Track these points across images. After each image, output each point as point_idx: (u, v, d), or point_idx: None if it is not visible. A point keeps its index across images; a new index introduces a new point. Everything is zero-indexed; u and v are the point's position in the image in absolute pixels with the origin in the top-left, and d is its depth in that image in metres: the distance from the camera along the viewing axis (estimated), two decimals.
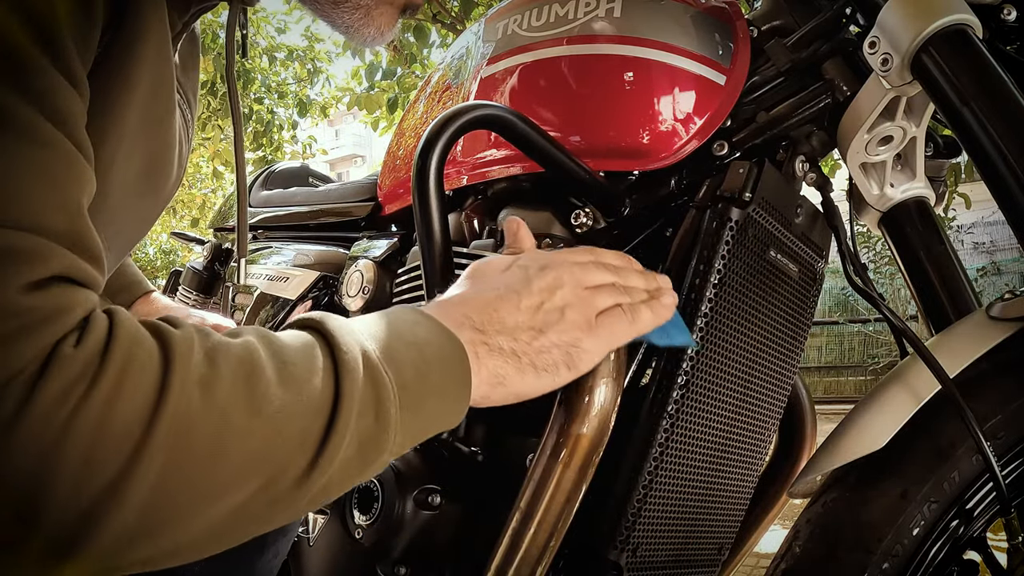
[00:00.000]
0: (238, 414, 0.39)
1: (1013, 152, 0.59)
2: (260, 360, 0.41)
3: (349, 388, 0.43)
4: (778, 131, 0.75)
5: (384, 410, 0.44)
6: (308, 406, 0.41)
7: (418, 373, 0.47)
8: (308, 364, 0.43)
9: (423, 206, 0.67)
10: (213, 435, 0.38)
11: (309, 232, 1.24)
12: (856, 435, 0.64)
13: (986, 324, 0.64)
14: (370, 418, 0.44)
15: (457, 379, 0.50)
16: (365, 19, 0.62)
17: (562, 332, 0.54)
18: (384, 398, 0.44)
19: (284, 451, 0.40)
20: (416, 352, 0.48)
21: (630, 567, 0.66)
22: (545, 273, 0.56)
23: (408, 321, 0.50)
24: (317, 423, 0.42)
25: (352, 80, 5.66)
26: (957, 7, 0.63)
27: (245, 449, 0.39)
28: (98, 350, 0.37)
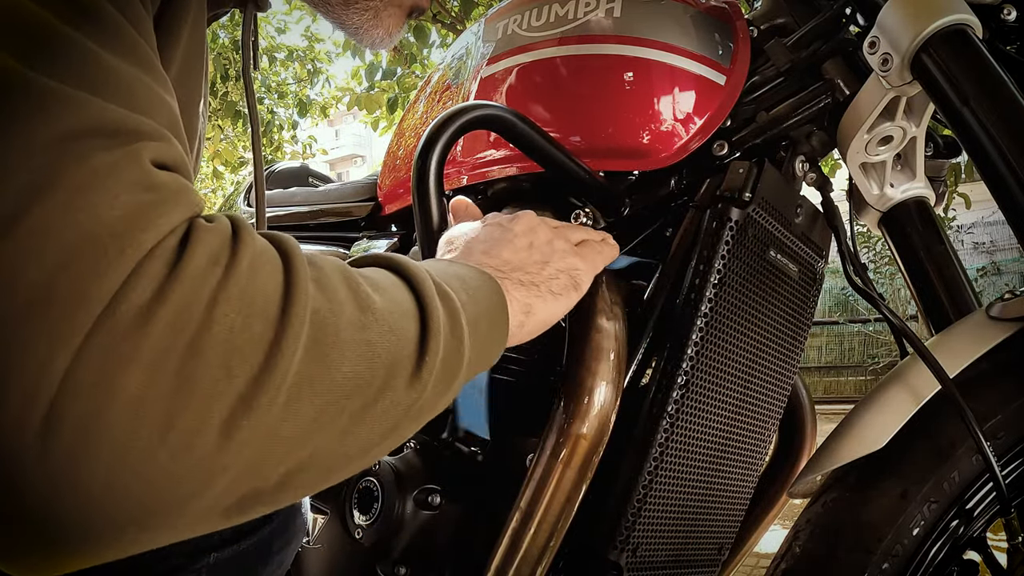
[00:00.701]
0: (351, 309, 0.38)
1: (1013, 152, 0.59)
2: (349, 271, 0.41)
3: (428, 300, 0.44)
4: (778, 131, 0.75)
5: (458, 324, 0.46)
6: (402, 309, 0.42)
7: (472, 299, 0.49)
8: (389, 279, 0.44)
9: (423, 206, 0.67)
10: (334, 325, 0.37)
11: (309, 232, 1.24)
12: (856, 435, 0.64)
13: (986, 324, 0.64)
14: (448, 333, 0.45)
15: (498, 306, 0.53)
16: (374, 20, 0.62)
17: (560, 259, 0.60)
18: (455, 311, 0.46)
19: (396, 346, 0.40)
20: (460, 282, 0.50)
21: (630, 567, 0.66)
22: (517, 220, 0.62)
23: (442, 261, 0.54)
24: (413, 325, 0.42)
25: (352, 80, 5.66)
26: (957, 7, 0.63)
27: (365, 343, 0.38)
28: (229, 231, 0.35)
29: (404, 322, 0.42)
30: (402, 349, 0.41)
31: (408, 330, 0.42)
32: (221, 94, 6.54)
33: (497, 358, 0.53)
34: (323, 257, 0.41)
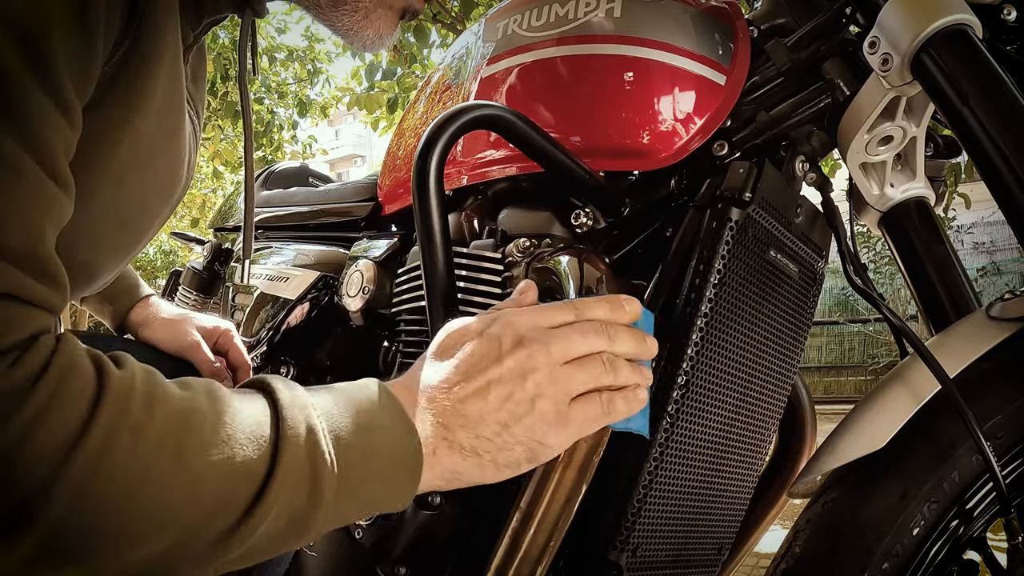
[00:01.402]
0: (163, 466, 0.39)
1: (1013, 152, 0.59)
2: (199, 416, 0.41)
3: (286, 461, 0.42)
4: (778, 131, 0.75)
5: (318, 490, 0.44)
6: (239, 472, 0.41)
7: (365, 459, 0.46)
8: (249, 428, 0.43)
9: (423, 206, 0.67)
10: (133, 481, 0.38)
11: (309, 232, 1.24)
12: (856, 435, 0.64)
13: (986, 324, 0.64)
14: (302, 495, 0.43)
15: (408, 470, 0.49)
16: (364, 22, 0.62)
17: (528, 427, 0.51)
18: (321, 476, 0.44)
19: (204, 511, 0.40)
20: (368, 438, 0.47)
21: (630, 567, 0.66)
22: (518, 351, 0.51)
23: (370, 404, 0.49)
24: (246, 490, 0.41)
25: (352, 80, 5.66)
26: (957, 7, 0.63)
27: (163, 501, 0.39)
28: (32, 374, 0.37)
29: (228, 485, 0.41)
30: (212, 512, 0.40)
31: (231, 493, 0.41)
32: (221, 94, 6.54)
33: (397, 509, 0.50)
34: (170, 399, 0.41)
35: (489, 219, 0.84)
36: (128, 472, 0.38)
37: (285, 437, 0.43)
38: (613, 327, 0.54)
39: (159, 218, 0.69)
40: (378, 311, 0.94)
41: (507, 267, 0.76)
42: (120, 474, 0.37)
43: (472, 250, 0.79)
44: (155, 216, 0.68)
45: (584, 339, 0.53)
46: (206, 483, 0.40)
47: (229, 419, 0.42)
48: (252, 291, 1.20)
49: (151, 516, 0.39)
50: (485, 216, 0.85)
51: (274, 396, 0.45)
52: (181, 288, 1.48)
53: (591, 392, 0.53)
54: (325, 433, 0.45)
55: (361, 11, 0.62)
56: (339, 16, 0.62)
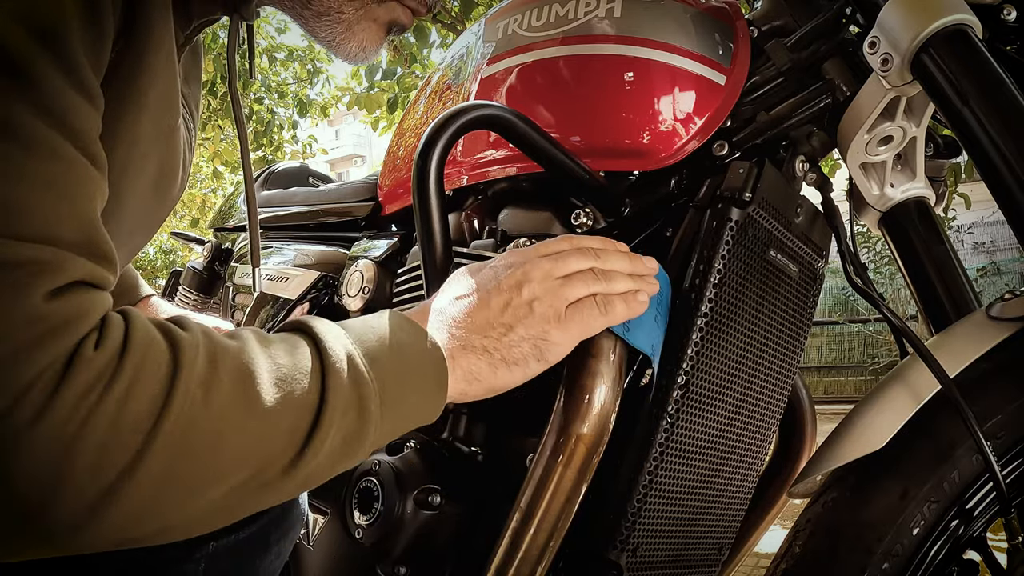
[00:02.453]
0: (235, 413, 0.43)
1: (1013, 152, 0.59)
2: (255, 362, 0.45)
3: (334, 388, 0.47)
4: (778, 131, 0.75)
5: (365, 408, 0.48)
6: (297, 404, 0.45)
7: (398, 374, 0.51)
8: (298, 365, 0.47)
9: (423, 206, 0.67)
10: (212, 431, 0.42)
11: (309, 232, 1.24)
12: (856, 435, 0.64)
13: (986, 324, 0.64)
14: (352, 415, 0.48)
15: (434, 378, 0.53)
16: (347, 34, 0.61)
17: (530, 326, 0.57)
18: (366, 396, 0.48)
19: (275, 445, 0.45)
20: (397, 354, 0.51)
21: (630, 567, 0.66)
22: (512, 271, 0.59)
23: (392, 326, 0.53)
24: (305, 420, 0.46)
25: (352, 80, 5.66)
26: (957, 7, 0.63)
27: (240, 443, 0.43)
28: (116, 352, 0.40)
29: (291, 418, 0.45)
30: (281, 445, 0.45)
31: (294, 425, 0.45)
32: (221, 94, 6.53)
33: (432, 419, 0.54)
34: (229, 352, 0.45)
35: (489, 219, 0.84)
36: (207, 426, 0.42)
37: (329, 365, 0.47)
38: (604, 251, 0.62)
39: (157, 218, 0.70)
40: None
41: None
42: (201, 430, 0.41)
43: (472, 250, 0.79)
44: (153, 216, 0.69)
45: (575, 258, 0.60)
46: (272, 420, 0.44)
47: (280, 359, 0.46)
48: (252, 291, 1.20)
49: (231, 459, 0.43)
50: (485, 216, 0.85)
51: (313, 333, 0.49)
52: (181, 288, 1.48)
53: (587, 297, 0.59)
54: (361, 357, 0.49)
55: (344, 23, 0.61)
56: (322, 27, 0.61)
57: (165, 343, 0.42)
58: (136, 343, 0.41)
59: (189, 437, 0.41)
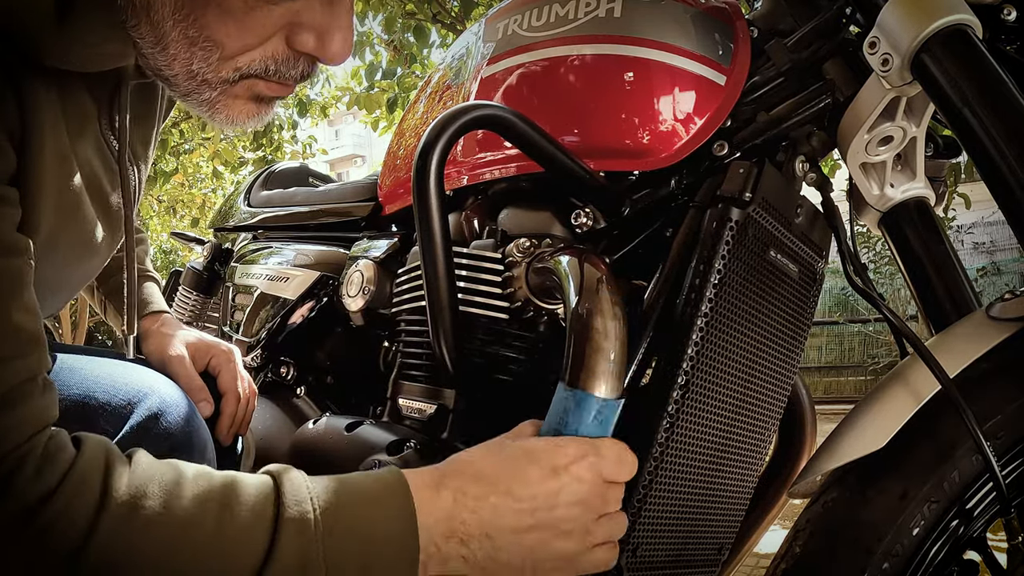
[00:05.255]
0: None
1: (1013, 152, 0.59)
2: (192, 533, 0.47)
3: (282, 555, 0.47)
4: (778, 131, 0.75)
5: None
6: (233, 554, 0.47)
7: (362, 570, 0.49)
8: (252, 516, 0.48)
9: (423, 206, 0.67)
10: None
11: (309, 232, 1.24)
12: (856, 435, 0.64)
13: (986, 324, 0.64)
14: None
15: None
16: (211, 111, 0.60)
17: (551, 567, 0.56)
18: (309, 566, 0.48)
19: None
20: (368, 547, 0.50)
21: (630, 567, 0.66)
22: (577, 513, 0.56)
23: (384, 514, 0.51)
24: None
25: (352, 80, 5.65)
26: (957, 7, 0.63)
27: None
28: (49, 486, 0.45)
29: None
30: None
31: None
32: None
33: None
34: (172, 523, 0.46)
35: (489, 219, 0.84)
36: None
37: (275, 554, 0.47)
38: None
39: (83, 275, 0.74)
40: (378, 311, 0.94)
41: (507, 267, 0.76)
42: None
43: (472, 250, 0.79)
44: (76, 276, 0.73)
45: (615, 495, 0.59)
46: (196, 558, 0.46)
47: (226, 537, 0.47)
48: (252, 291, 1.20)
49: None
50: (485, 216, 0.85)
51: (282, 508, 0.49)
52: (181, 288, 1.48)
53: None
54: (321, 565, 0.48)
55: (206, 103, 0.60)
56: (189, 103, 0.61)
57: (98, 489, 0.46)
58: (70, 482, 0.45)
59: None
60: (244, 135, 7.19)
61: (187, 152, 8.21)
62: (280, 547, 0.47)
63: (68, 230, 0.63)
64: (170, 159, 7.64)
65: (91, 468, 0.47)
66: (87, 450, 0.48)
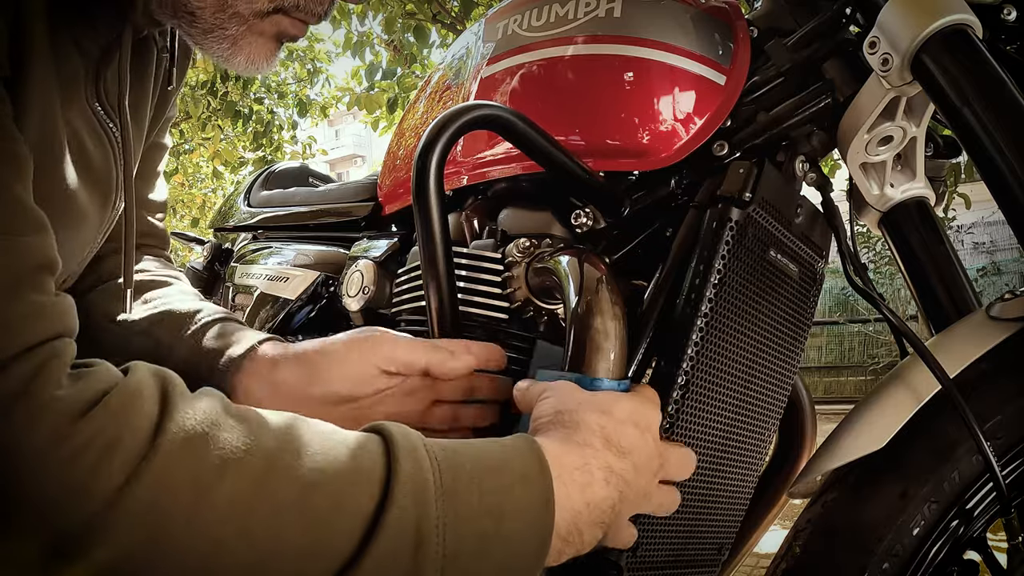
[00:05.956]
0: (229, 530, 0.37)
1: (1013, 152, 0.59)
2: (289, 470, 0.39)
3: (382, 546, 0.40)
4: (778, 131, 0.75)
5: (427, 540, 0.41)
6: (324, 544, 0.39)
7: (480, 552, 0.43)
8: (349, 501, 0.40)
9: (423, 206, 0.67)
10: (202, 552, 0.37)
11: (309, 232, 1.24)
12: (856, 435, 0.64)
13: (986, 324, 0.64)
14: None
15: (529, 558, 0.47)
16: (233, 49, 0.59)
17: (628, 505, 0.56)
18: (422, 569, 0.41)
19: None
20: (491, 525, 0.44)
21: (630, 567, 0.66)
22: (653, 458, 0.58)
23: (517, 475, 0.46)
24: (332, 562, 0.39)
25: (352, 80, 5.66)
26: (957, 7, 0.63)
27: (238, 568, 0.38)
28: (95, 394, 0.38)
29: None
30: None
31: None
32: (221, 94, 6.54)
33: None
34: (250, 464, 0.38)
35: (489, 219, 0.84)
36: (181, 543, 0.36)
37: (388, 519, 0.40)
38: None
39: (72, 240, 0.66)
40: (378, 311, 0.94)
41: (507, 267, 0.76)
42: (176, 542, 0.36)
43: (472, 250, 0.79)
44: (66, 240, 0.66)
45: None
46: (280, 556, 0.38)
47: (324, 480, 0.40)
48: (252, 291, 1.20)
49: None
50: (485, 216, 0.85)
51: (391, 455, 0.42)
52: None
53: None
54: (439, 521, 0.42)
55: (229, 39, 0.59)
56: (209, 43, 0.59)
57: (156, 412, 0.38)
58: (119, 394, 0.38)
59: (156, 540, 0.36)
60: (244, 135, 7.20)
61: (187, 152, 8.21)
62: (392, 506, 0.41)
63: (41, 189, 0.59)
64: (170, 159, 7.65)
65: (144, 384, 0.39)
66: (136, 370, 0.40)
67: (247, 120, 6.78)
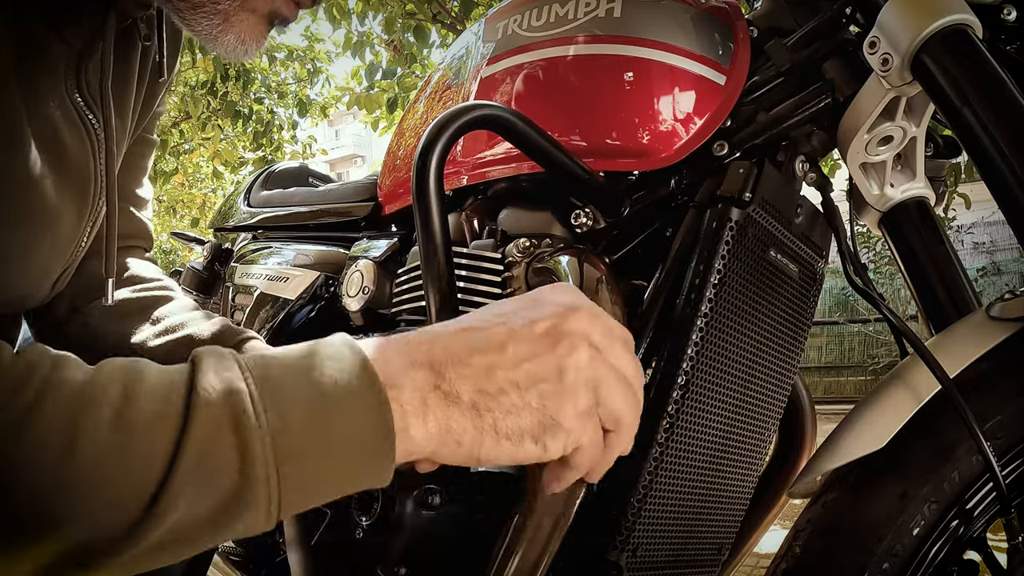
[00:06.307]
0: (51, 455, 0.36)
1: (1013, 152, 0.59)
2: (99, 398, 0.37)
3: (196, 433, 0.37)
4: (778, 131, 0.75)
5: (249, 459, 0.38)
6: (140, 453, 0.37)
7: (311, 417, 0.39)
8: (156, 406, 0.38)
9: (423, 206, 0.67)
10: (25, 475, 0.35)
11: (309, 232, 1.24)
12: (856, 435, 0.64)
13: (986, 324, 0.64)
14: (231, 469, 0.38)
15: (374, 428, 0.40)
16: (224, 26, 0.57)
17: (547, 396, 0.44)
18: (249, 445, 0.38)
19: (103, 500, 0.36)
20: (314, 392, 0.40)
21: (630, 567, 0.66)
22: (555, 310, 0.45)
23: (325, 355, 0.42)
24: (149, 473, 0.37)
25: (352, 80, 5.66)
26: (957, 7, 0.63)
27: (58, 494, 0.36)
28: None
29: (129, 469, 0.37)
30: (113, 500, 0.37)
31: (133, 478, 0.37)
32: (221, 94, 6.55)
33: (377, 484, 0.42)
34: (69, 383, 0.37)
35: (489, 219, 0.84)
36: (19, 467, 0.35)
37: (195, 405, 0.38)
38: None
39: (38, 254, 0.64)
40: (378, 311, 0.94)
41: (507, 267, 0.76)
42: (9, 469, 0.35)
43: (472, 250, 0.79)
44: (33, 254, 0.63)
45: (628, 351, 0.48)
46: (100, 470, 0.36)
47: (138, 396, 0.38)
48: (252, 291, 1.20)
49: (49, 511, 0.36)
50: (485, 216, 0.85)
51: (197, 361, 0.40)
52: (181, 288, 1.48)
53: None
54: (255, 394, 0.39)
55: (220, 15, 0.57)
56: (198, 19, 0.57)
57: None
58: None
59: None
60: (244, 135, 7.20)
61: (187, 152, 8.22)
62: (200, 374, 0.39)
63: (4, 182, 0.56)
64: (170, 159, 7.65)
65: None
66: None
67: (247, 120, 6.79)
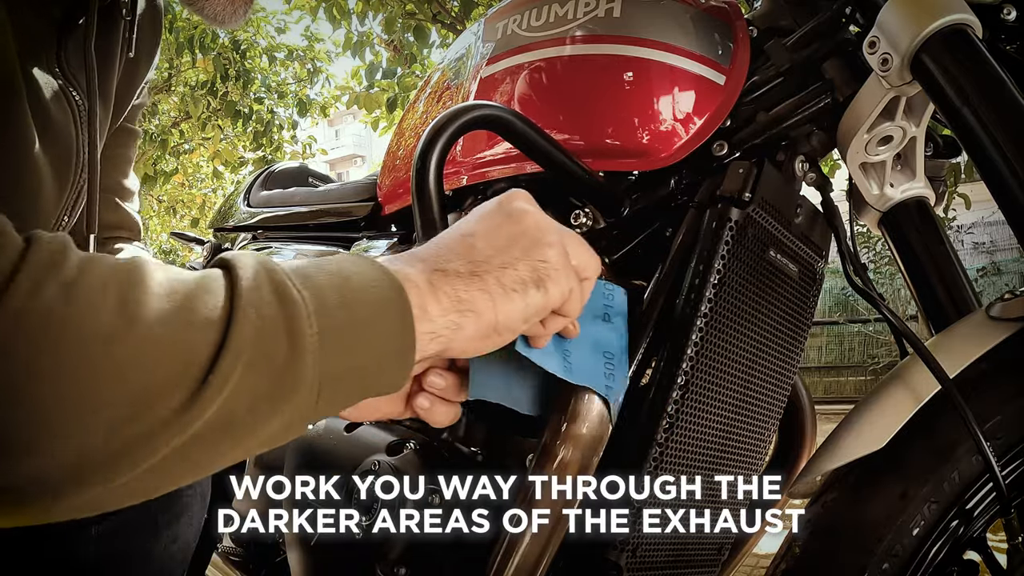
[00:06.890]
0: (103, 316, 0.34)
1: (1013, 152, 0.59)
2: (142, 271, 0.37)
3: (248, 299, 0.37)
4: (778, 131, 0.75)
5: (297, 329, 0.38)
6: (194, 318, 0.36)
7: (342, 299, 0.41)
8: (199, 278, 0.38)
9: (423, 206, 0.67)
10: (76, 340, 0.33)
11: (309, 232, 1.24)
12: (856, 435, 0.64)
13: (986, 324, 0.64)
14: (280, 339, 0.38)
15: (396, 308, 0.43)
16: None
17: (527, 248, 0.48)
18: (295, 315, 0.38)
19: (163, 365, 0.35)
20: (339, 279, 0.42)
21: (630, 567, 0.66)
22: (524, 215, 0.50)
23: (336, 258, 0.44)
24: (206, 338, 0.36)
25: (352, 80, 5.66)
26: (957, 7, 0.63)
27: (116, 358, 0.34)
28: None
29: (185, 334, 0.36)
30: (173, 366, 0.35)
31: (190, 344, 0.36)
32: (221, 94, 6.55)
33: (404, 370, 0.44)
34: (107, 259, 0.37)
35: None
36: (69, 333, 0.33)
37: (239, 279, 0.38)
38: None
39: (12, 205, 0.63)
40: None
41: None
42: (56, 335, 0.33)
43: None
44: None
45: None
46: (157, 334, 0.35)
47: (178, 275, 0.38)
48: None
49: (107, 376, 0.34)
50: None
51: (227, 258, 0.41)
52: None
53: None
54: (288, 275, 0.40)
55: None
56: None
57: (20, 239, 0.35)
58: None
59: (42, 343, 0.33)
60: (244, 135, 7.20)
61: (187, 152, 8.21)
62: (233, 256, 0.40)
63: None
64: (170, 159, 7.65)
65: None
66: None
67: (247, 120, 6.79)
